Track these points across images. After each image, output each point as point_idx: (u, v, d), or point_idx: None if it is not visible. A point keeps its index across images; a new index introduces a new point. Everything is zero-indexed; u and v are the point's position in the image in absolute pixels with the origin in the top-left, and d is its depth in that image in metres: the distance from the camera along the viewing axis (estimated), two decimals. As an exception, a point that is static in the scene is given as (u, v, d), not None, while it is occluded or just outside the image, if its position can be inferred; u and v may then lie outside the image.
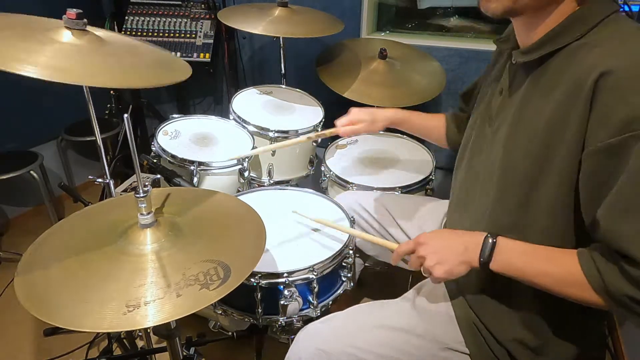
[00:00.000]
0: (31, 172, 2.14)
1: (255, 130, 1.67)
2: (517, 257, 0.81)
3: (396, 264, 0.98)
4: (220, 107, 2.71)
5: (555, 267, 0.78)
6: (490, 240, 0.83)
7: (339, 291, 1.20)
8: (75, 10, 0.96)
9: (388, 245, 1.03)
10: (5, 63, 0.78)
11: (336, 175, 1.57)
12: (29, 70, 0.79)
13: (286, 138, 1.68)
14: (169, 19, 2.37)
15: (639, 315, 0.71)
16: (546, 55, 0.79)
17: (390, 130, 1.85)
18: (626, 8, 0.82)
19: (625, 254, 0.69)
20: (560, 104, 0.74)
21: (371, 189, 1.51)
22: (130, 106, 2.48)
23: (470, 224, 0.97)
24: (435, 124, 1.32)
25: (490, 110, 0.95)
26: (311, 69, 1.98)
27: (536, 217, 0.82)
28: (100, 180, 1.33)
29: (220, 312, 1.15)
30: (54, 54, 0.87)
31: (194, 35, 2.34)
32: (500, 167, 0.86)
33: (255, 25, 1.70)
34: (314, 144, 1.78)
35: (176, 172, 1.42)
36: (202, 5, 2.36)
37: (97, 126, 1.21)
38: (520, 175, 0.82)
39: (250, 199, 1.38)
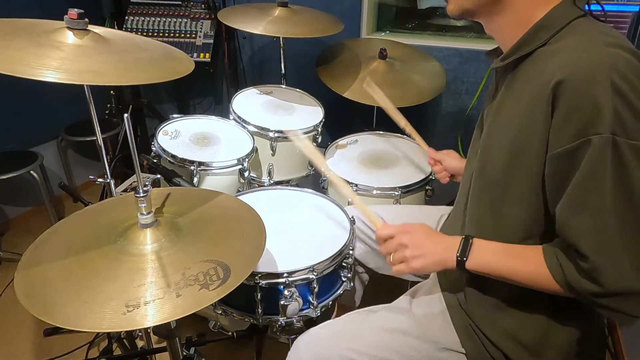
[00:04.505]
0: (31, 172, 2.14)
1: (255, 130, 1.67)
2: (490, 256, 0.86)
3: (380, 250, 0.99)
4: (220, 107, 2.71)
5: (525, 264, 0.82)
6: (466, 240, 0.88)
7: (339, 291, 1.20)
8: (76, 10, 0.97)
9: (374, 220, 1.03)
10: (21, 70, 0.80)
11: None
12: (47, 75, 0.81)
13: (286, 138, 1.68)
14: (169, 19, 2.37)
15: (602, 308, 0.75)
16: (518, 61, 0.83)
17: (390, 130, 1.87)
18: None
19: (575, 248, 0.74)
20: (528, 109, 0.77)
21: (371, 189, 1.51)
22: (130, 106, 2.48)
23: (456, 223, 1.01)
24: None
25: (483, 117, 0.98)
26: (311, 69, 1.98)
27: (506, 216, 0.86)
28: (100, 180, 1.33)
29: (220, 312, 1.15)
30: (63, 56, 0.88)
31: (194, 35, 2.34)
32: (477, 168, 0.91)
33: (256, 25, 1.70)
34: (314, 144, 1.78)
35: (176, 172, 1.42)
36: (202, 5, 2.37)
37: (98, 126, 1.21)
38: (492, 176, 0.86)
39: (250, 199, 1.38)
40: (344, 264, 1.19)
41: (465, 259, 0.86)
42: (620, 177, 0.69)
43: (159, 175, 1.41)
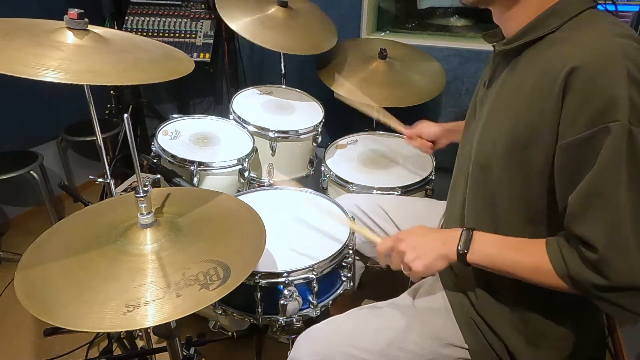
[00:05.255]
0: (31, 172, 2.14)
1: (255, 130, 1.67)
2: (491, 248, 0.84)
3: (384, 263, 0.98)
4: (220, 107, 2.71)
5: (526, 256, 0.81)
6: (467, 233, 0.86)
7: (338, 291, 1.20)
8: (76, 10, 0.97)
9: (373, 239, 1.02)
10: (21, 70, 0.79)
11: (336, 175, 1.57)
12: (47, 75, 0.80)
13: (286, 138, 1.68)
14: (169, 19, 2.37)
15: (605, 302, 0.74)
16: (523, 46, 0.82)
17: (390, 130, 1.87)
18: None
19: (585, 240, 0.73)
20: (533, 95, 0.77)
21: (371, 189, 1.51)
22: (130, 106, 2.48)
23: (452, 216, 1.01)
24: None
25: (476, 103, 0.98)
26: (311, 69, 1.98)
27: (507, 202, 0.85)
28: (100, 180, 1.33)
29: (220, 312, 1.15)
30: (63, 56, 0.88)
31: (194, 35, 2.34)
32: (475, 156, 0.90)
33: (255, 33, 1.70)
34: (314, 144, 1.78)
35: (176, 172, 1.42)
36: (202, 5, 2.36)
37: (98, 126, 1.21)
38: (492, 162, 0.85)
39: (250, 199, 1.38)
40: (343, 264, 1.19)
41: (466, 251, 0.85)
42: (634, 169, 0.68)
43: (159, 175, 1.41)
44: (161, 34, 2.35)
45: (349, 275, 1.20)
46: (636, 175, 0.69)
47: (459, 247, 0.86)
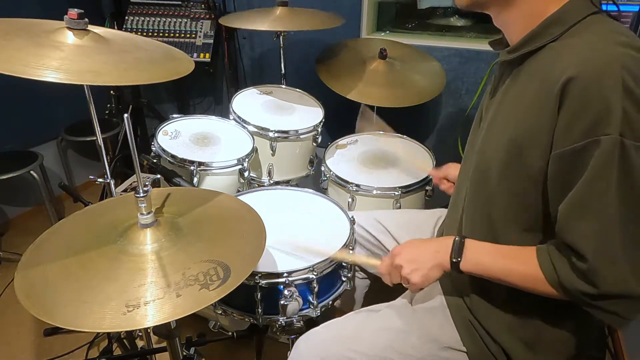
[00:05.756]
0: (31, 172, 2.14)
1: (255, 130, 1.67)
2: (484, 256, 0.85)
3: (390, 282, 0.98)
4: (220, 107, 2.72)
5: (518, 265, 0.82)
6: (459, 241, 0.87)
7: (339, 291, 1.20)
8: (76, 10, 0.97)
9: (372, 263, 1.03)
10: (21, 70, 0.79)
11: (336, 175, 1.57)
12: (47, 75, 0.80)
13: (286, 138, 1.68)
14: (169, 19, 2.37)
15: (596, 309, 0.75)
16: (526, 55, 0.81)
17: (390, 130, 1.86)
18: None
19: (574, 249, 0.73)
20: (533, 104, 0.76)
21: (371, 189, 1.51)
22: (130, 106, 2.48)
23: (453, 221, 1.01)
24: None
25: (482, 111, 0.97)
26: (311, 69, 1.98)
27: (503, 211, 0.85)
28: (100, 180, 1.33)
29: (220, 312, 1.15)
30: (63, 56, 0.88)
31: (194, 35, 2.34)
32: (475, 163, 0.90)
33: (257, 24, 1.70)
34: (314, 144, 1.78)
35: (176, 172, 1.42)
36: (202, 5, 2.37)
37: (98, 126, 1.21)
38: (490, 169, 0.85)
39: (250, 199, 1.38)
40: (343, 264, 1.19)
41: (459, 260, 0.86)
42: (625, 181, 0.68)
43: (159, 175, 1.41)
44: (161, 34, 2.36)
45: (349, 275, 1.20)
46: (626, 187, 0.69)
47: (452, 256, 0.86)
